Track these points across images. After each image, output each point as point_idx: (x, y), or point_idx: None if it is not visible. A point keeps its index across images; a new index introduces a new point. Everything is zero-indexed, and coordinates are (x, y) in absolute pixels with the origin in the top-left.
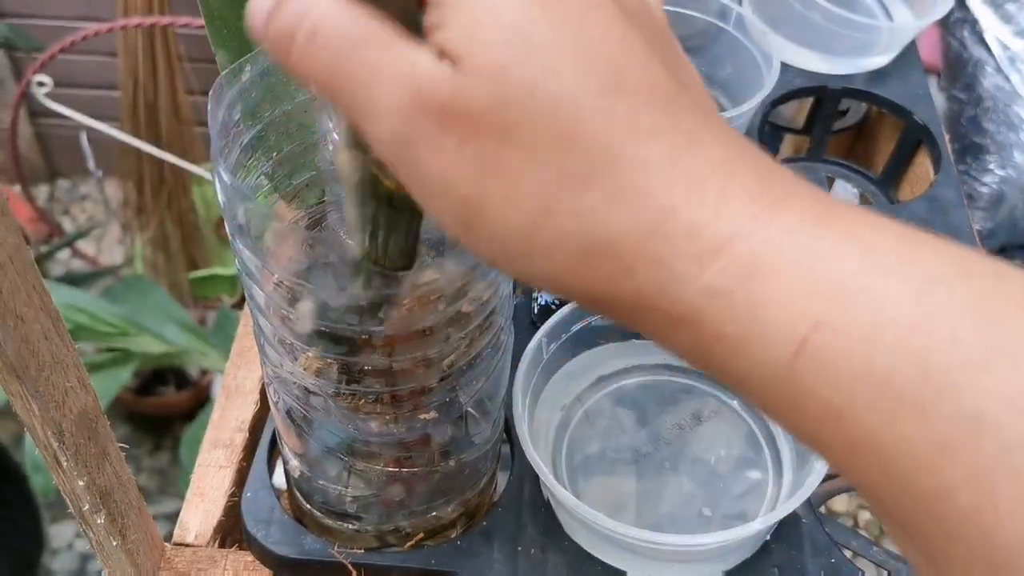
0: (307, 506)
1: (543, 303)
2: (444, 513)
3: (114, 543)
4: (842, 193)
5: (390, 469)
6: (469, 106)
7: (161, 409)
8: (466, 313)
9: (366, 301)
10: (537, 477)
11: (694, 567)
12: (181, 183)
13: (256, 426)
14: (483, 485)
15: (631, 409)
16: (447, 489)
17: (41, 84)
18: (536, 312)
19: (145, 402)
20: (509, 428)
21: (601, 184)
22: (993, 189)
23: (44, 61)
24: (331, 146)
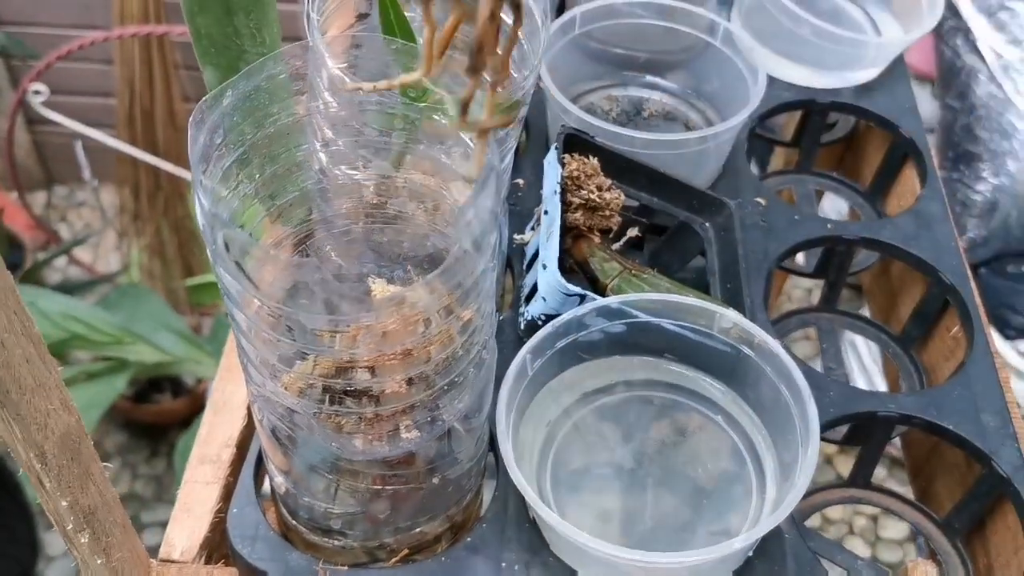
0: (293, 522)
1: (529, 318)
2: (429, 529)
3: (99, 561)
4: (832, 206)
5: (375, 486)
6: None
7: (157, 417)
8: (448, 332)
9: None
10: (523, 494)
11: None
12: (177, 190)
13: (244, 442)
14: (468, 501)
15: (616, 425)
16: (432, 506)
17: (37, 92)
18: (523, 328)
19: (142, 410)
20: (494, 443)
21: None
22: (987, 197)
23: (40, 69)
24: (318, 165)
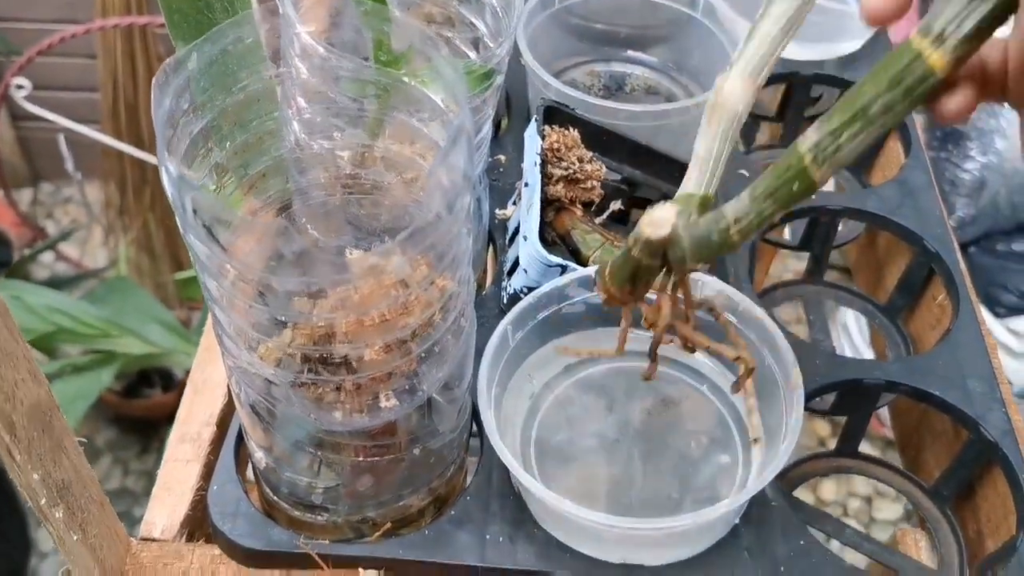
0: (274, 498)
1: (512, 292)
2: (413, 502)
3: (75, 537)
4: None
5: (357, 459)
6: None
7: (147, 411)
8: (424, 298)
9: None
10: (506, 465)
11: (664, 551)
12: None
13: (224, 421)
14: (451, 474)
15: (600, 396)
16: (414, 478)
17: (20, 87)
18: (505, 302)
19: (131, 404)
20: (478, 416)
21: None
22: (975, 176)
23: (22, 64)
24: (292, 136)
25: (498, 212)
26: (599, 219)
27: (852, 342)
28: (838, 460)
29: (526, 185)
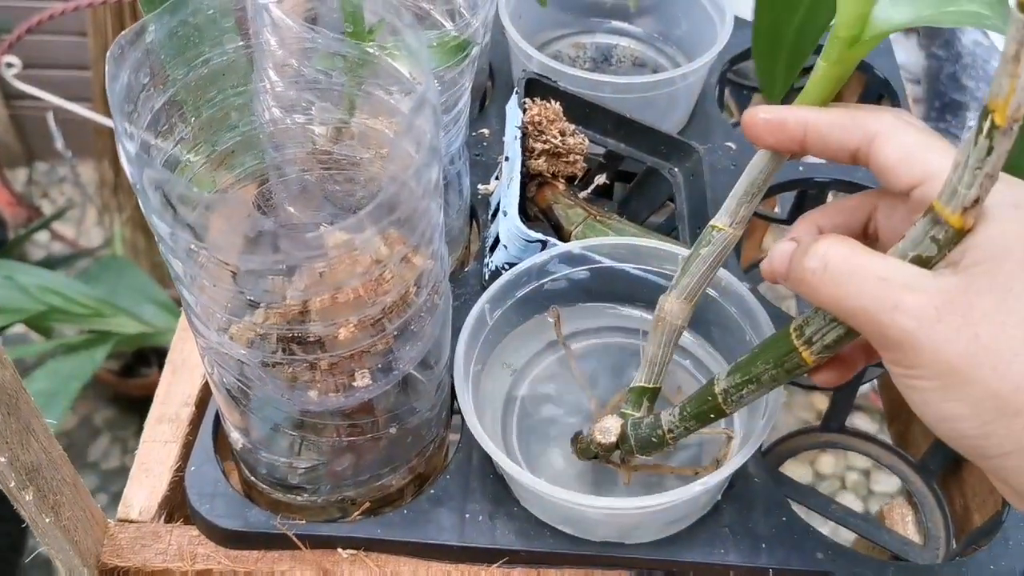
0: (253, 479)
1: (493, 268)
2: (392, 481)
3: (47, 520)
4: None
5: (333, 439)
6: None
7: (145, 391)
8: (396, 273)
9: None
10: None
11: (646, 530)
12: None
13: (203, 401)
14: (431, 452)
15: (582, 372)
16: (393, 457)
17: (10, 65)
18: (487, 279)
19: (129, 384)
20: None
21: None
22: None
23: (12, 42)
24: (266, 112)
25: (480, 187)
26: (583, 193)
27: None
28: (825, 435)
29: (506, 159)
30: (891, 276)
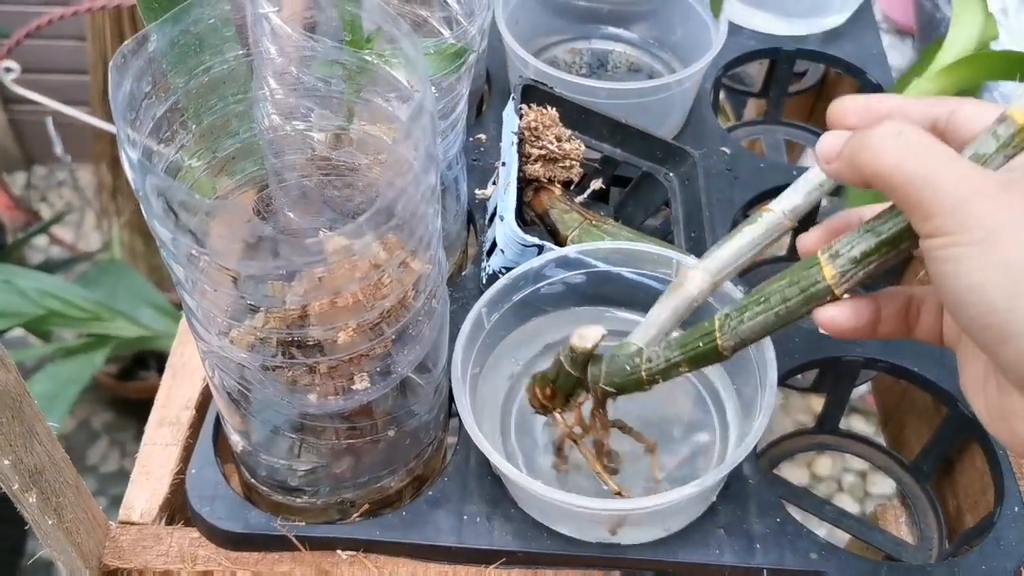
0: (253, 481)
1: (490, 272)
2: (391, 483)
3: (50, 522)
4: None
5: (332, 441)
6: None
7: (143, 394)
8: (394, 278)
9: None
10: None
11: (642, 530)
12: None
13: (203, 404)
14: (429, 454)
15: None
16: (392, 459)
17: (9, 70)
18: (484, 283)
19: (128, 387)
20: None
21: None
22: None
23: (10, 46)
24: (266, 119)
25: (477, 192)
26: (579, 198)
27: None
28: (819, 437)
29: (503, 164)
30: (960, 158)
